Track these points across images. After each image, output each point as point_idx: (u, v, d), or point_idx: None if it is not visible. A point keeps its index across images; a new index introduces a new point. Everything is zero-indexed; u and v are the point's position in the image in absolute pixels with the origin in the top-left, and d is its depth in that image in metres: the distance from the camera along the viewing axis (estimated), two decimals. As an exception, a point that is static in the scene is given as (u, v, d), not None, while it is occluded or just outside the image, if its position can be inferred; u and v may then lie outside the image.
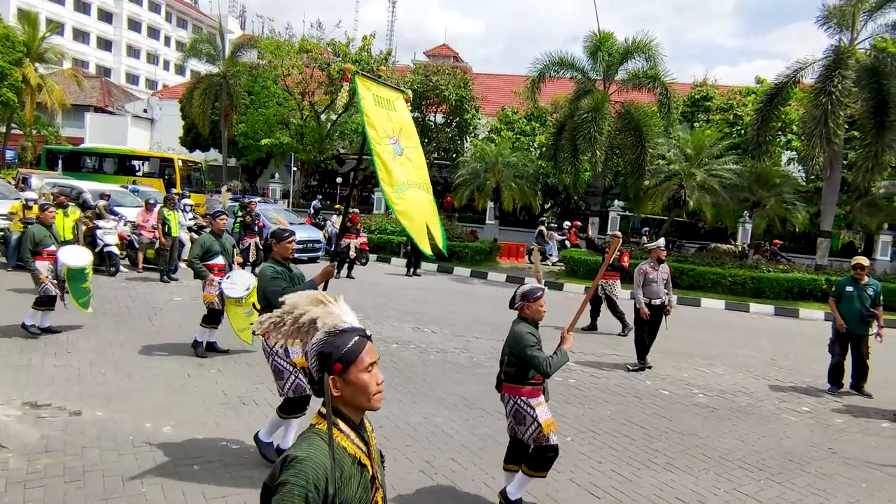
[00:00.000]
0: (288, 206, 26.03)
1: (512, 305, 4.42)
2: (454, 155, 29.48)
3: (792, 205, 18.47)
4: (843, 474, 5.70)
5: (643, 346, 8.81)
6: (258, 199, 22.21)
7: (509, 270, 19.01)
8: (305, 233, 18.16)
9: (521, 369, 4.29)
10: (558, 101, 26.29)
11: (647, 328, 8.77)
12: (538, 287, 4.38)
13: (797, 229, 21.50)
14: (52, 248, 8.17)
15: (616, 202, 26.14)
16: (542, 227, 22.92)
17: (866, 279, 8.34)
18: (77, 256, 8.23)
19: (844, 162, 19.01)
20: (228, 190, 19.33)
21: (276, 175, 32.52)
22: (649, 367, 8.76)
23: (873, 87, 16.65)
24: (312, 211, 24.55)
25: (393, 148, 4.61)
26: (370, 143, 4.37)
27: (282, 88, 30.64)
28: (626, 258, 11.30)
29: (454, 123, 29.59)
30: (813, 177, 21.94)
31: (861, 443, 6.59)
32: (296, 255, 16.99)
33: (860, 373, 8.45)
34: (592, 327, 11.16)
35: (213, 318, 7.75)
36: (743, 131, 23.62)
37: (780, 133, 23.15)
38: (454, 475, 4.98)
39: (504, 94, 33.30)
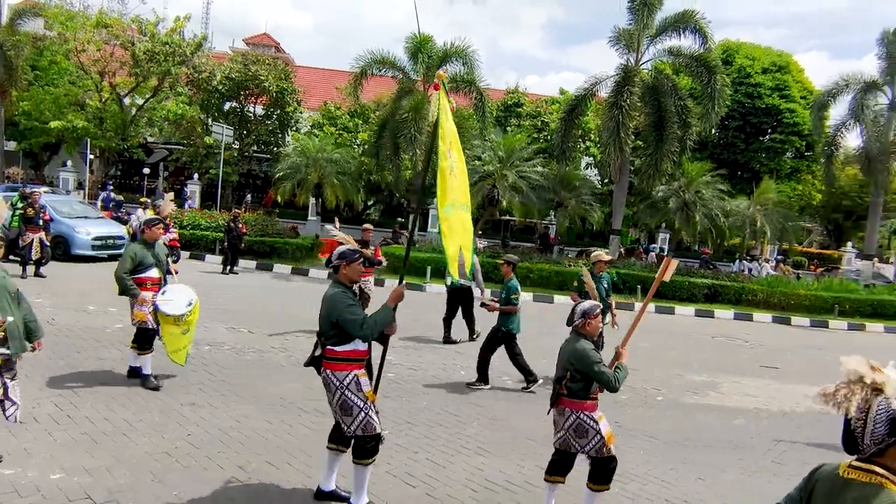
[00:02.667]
0: (84, 198, 23.37)
1: (571, 323, 4.60)
2: (275, 148, 28.52)
3: (589, 205, 20.54)
4: (627, 444, 6.45)
5: (449, 326, 10.55)
6: (44, 188, 19.67)
7: (332, 267, 18.80)
8: (105, 227, 16.45)
9: (586, 385, 4.42)
10: (381, 99, 26.57)
11: (454, 309, 10.42)
12: (596, 304, 4.58)
13: (594, 227, 23.92)
14: None
15: (436, 200, 27.05)
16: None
17: (603, 270, 8.85)
18: None
19: (632, 168, 21.53)
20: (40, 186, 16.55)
21: (69, 163, 28.98)
22: (455, 343, 10.17)
23: (654, 103, 19.05)
24: (102, 203, 22.21)
25: (449, 164, 4.53)
26: (438, 156, 4.39)
27: (75, 65, 27.33)
28: (378, 252, 11.20)
29: (275, 116, 28.61)
30: (606, 180, 24.56)
31: (640, 415, 7.52)
32: (93, 253, 15.41)
33: None
34: None
35: (145, 339, 6.69)
36: (549, 137, 25.71)
37: (580, 140, 25.56)
38: (270, 478, 4.85)
39: (327, 89, 32.89)
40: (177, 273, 7.35)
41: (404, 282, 4.56)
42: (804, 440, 7.21)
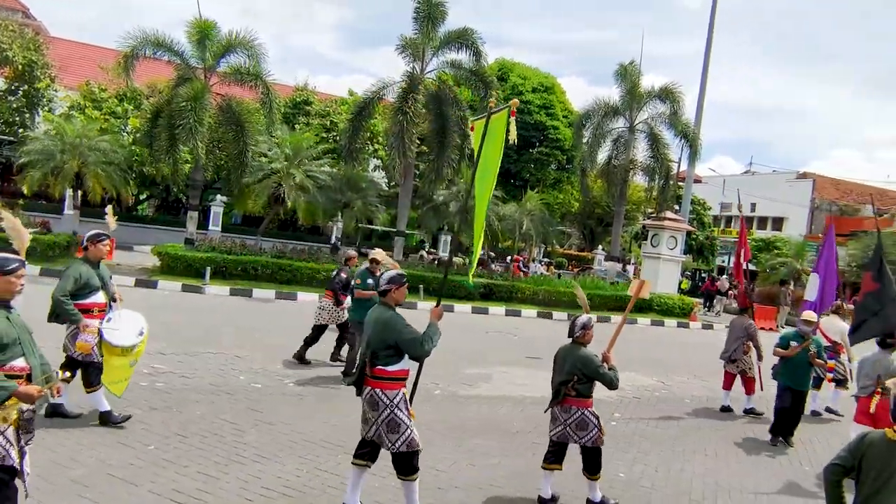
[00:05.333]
0: None
1: (572, 334, 5.48)
2: (20, 130, 24.65)
3: (375, 207, 20.95)
4: (404, 438, 6.73)
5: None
6: None
7: (92, 268, 16.78)
8: None
9: (589, 385, 5.39)
10: (156, 84, 24.40)
11: None
12: (591, 317, 5.54)
13: (379, 228, 24.46)
14: None
15: (218, 197, 25.56)
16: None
17: (380, 272, 8.92)
18: None
19: (416, 172, 22.41)
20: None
21: None
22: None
23: (437, 111, 20.05)
24: None
25: (486, 183, 5.44)
26: (476, 179, 5.41)
27: None
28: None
29: (21, 92, 24.71)
30: (393, 183, 25.25)
31: (419, 409, 7.78)
32: None
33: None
34: None
35: (95, 372, 5.93)
36: (338, 137, 25.70)
37: (368, 142, 25.94)
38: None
39: (90, 68, 29.33)
40: (121, 299, 6.35)
41: (441, 303, 5.04)
42: (558, 421, 8.14)
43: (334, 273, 10.03)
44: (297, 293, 16.64)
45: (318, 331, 9.66)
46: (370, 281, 8.85)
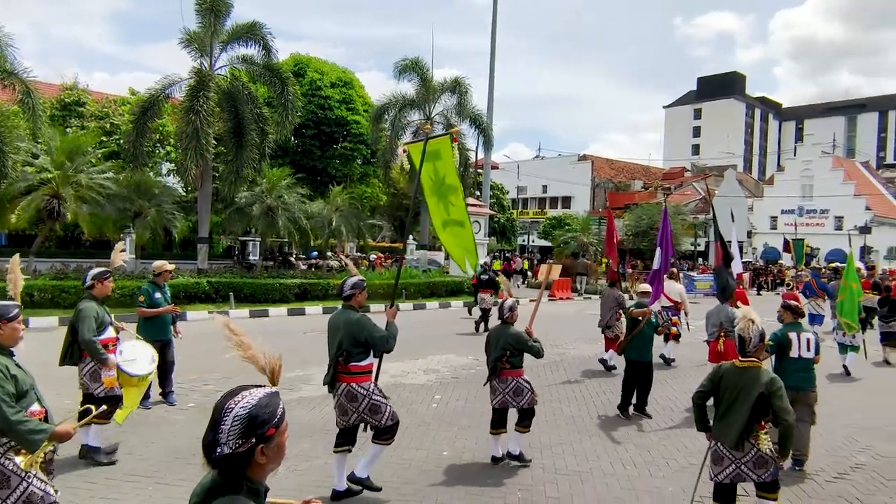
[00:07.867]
0: None
1: (501, 316, 6.47)
2: None
3: (172, 214, 19.44)
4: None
5: None
6: None
7: None
8: None
9: (521, 358, 6.33)
10: None
11: None
12: (515, 300, 6.65)
13: (176, 237, 22.71)
14: None
15: (-26, 215, 21.92)
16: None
17: (164, 282, 8.55)
18: None
19: (216, 174, 21.17)
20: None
21: None
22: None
23: (232, 110, 19.11)
24: None
25: (437, 197, 6.51)
26: (425, 195, 6.54)
27: None
28: None
29: None
30: (190, 188, 23.59)
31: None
32: None
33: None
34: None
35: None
36: (121, 140, 23.40)
37: (158, 145, 23.94)
38: None
39: None
40: (125, 328, 6.73)
41: (395, 304, 6.01)
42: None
43: (484, 276, 16.24)
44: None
45: (485, 313, 15.58)
46: (157, 295, 8.20)
